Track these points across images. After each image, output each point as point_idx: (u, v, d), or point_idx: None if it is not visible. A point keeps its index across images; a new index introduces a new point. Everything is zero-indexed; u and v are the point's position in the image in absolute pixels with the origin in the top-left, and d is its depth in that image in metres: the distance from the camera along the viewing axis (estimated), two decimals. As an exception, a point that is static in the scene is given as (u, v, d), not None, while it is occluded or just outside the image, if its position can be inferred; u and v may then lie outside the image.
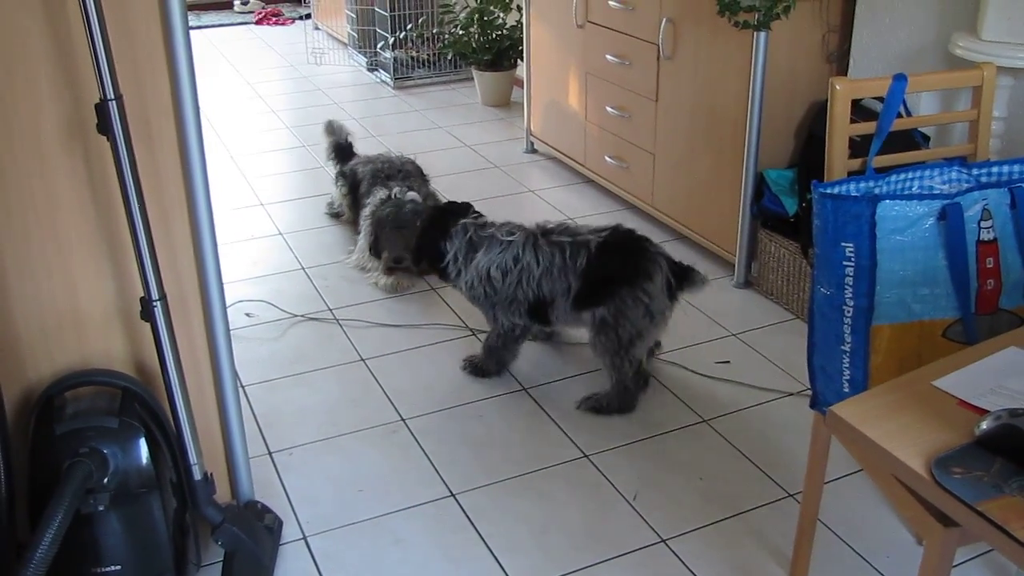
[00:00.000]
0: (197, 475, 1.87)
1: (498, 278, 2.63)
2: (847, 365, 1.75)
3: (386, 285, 3.32)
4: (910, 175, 1.77)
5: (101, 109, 1.64)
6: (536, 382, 2.78)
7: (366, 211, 3.54)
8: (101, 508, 1.72)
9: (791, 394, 2.71)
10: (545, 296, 2.61)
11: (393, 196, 3.49)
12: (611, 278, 2.52)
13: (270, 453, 2.49)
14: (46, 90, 1.71)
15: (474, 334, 3.02)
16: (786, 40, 3.03)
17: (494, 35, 5.27)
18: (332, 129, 4.07)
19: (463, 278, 2.71)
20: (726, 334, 3.03)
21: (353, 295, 3.28)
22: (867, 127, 1.90)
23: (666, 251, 2.61)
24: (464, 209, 2.80)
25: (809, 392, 1.91)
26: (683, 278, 2.59)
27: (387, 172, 3.68)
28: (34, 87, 1.70)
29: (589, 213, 3.87)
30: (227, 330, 2.01)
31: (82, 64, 1.70)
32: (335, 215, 3.89)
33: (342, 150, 3.98)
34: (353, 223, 3.70)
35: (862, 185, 1.75)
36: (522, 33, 4.58)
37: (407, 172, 3.71)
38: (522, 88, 4.64)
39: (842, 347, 1.74)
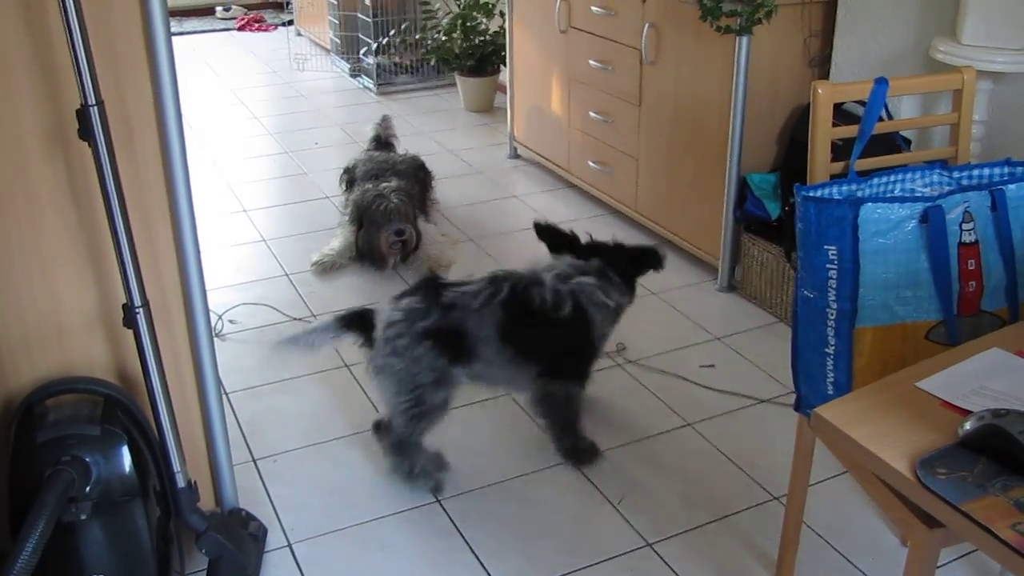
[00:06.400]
0: (180, 483, 1.86)
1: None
2: (831, 368, 1.76)
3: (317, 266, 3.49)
4: (892, 178, 1.78)
5: (82, 114, 1.62)
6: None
7: (350, 204, 3.66)
8: (83, 517, 1.70)
9: (775, 397, 2.72)
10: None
11: (374, 187, 3.57)
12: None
13: (254, 460, 2.48)
14: (26, 95, 1.70)
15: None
16: (768, 45, 3.04)
17: (477, 41, 5.27)
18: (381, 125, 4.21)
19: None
20: (710, 338, 3.04)
21: (337, 301, 3.27)
22: (849, 131, 1.91)
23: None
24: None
25: (793, 395, 1.92)
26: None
27: (377, 171, 3.70)
28: (14, 92, 1.69)
29: (573, 218, 3.87)
30: (210, 337, 1.99)
31: (63, 69, 1.68)
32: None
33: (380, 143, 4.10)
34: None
35: (844, 188, 1.76)
36: (505, 39, 4.58)
37: (400, 171, 3.72)
38: (505, 94, 4.64)
39: (826, 350, 1.75)
